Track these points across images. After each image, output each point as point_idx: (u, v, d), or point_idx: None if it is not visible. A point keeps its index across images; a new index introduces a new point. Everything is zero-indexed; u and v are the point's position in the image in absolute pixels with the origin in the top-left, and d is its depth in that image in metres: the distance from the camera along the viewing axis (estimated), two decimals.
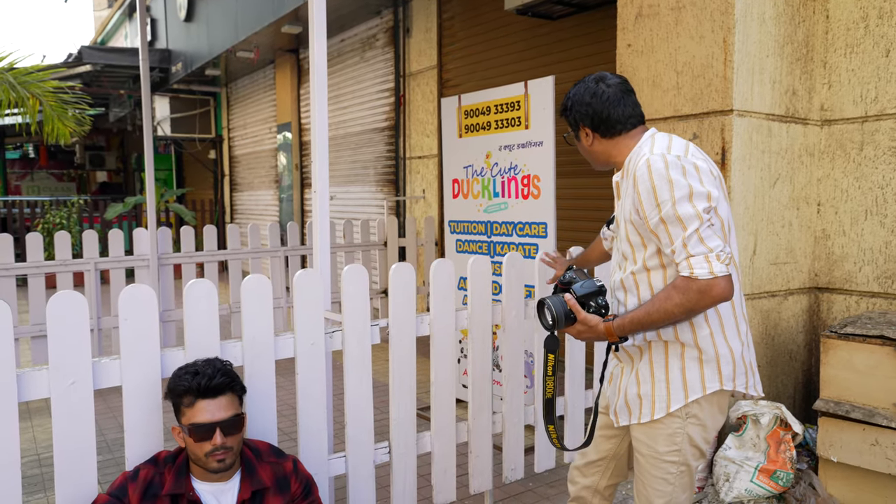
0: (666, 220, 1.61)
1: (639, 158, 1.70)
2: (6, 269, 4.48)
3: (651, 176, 1.62)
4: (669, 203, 1.60)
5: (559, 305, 1.73)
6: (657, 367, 1.75)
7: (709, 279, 1.56)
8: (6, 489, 1.76)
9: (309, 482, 2.01)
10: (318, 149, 2.45)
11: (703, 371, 1.72)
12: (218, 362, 1.89)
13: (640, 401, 1.78)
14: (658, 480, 1.78)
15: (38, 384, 1.81)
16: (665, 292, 1.63)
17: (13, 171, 15.32)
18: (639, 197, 1.65)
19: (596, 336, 1.73)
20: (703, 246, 1.58)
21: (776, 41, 3.06)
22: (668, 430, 1.74)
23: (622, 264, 1.81)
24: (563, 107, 1.90)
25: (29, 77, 6.11)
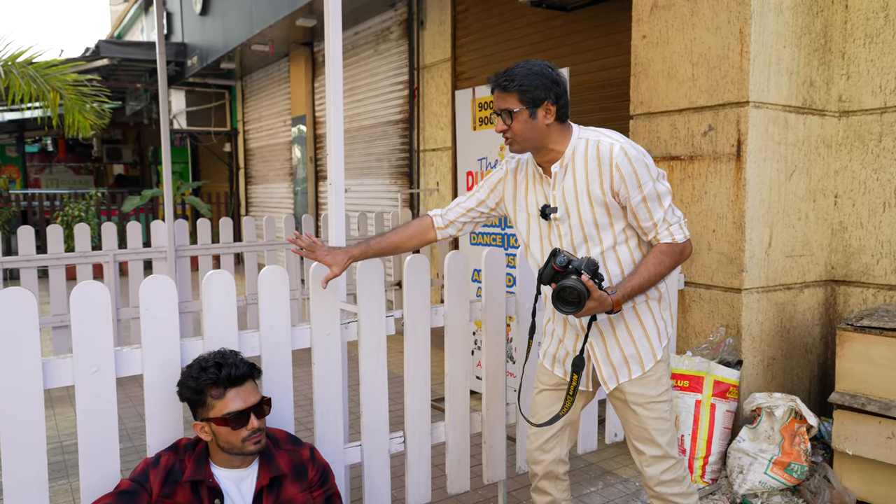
0: (648, 199, 1.85)
1: (602, 146, 1.85)
2: (28, 260, 4.56)
3: (630, 161, 1.83)
4: (650, 183, 1.84)
5: (582, 287, 1.75)
6: (633, 327, 1.96)
7: (684, 242, 1.90)
8: (33, 474, 1.80)
9: (325, 470, 2.04)
10: (333, 142, 2.47)
11: (664, 315, 2.01)
12: (231, 352, 1.92)
13: (627, 362, 1.97)
14: (657, 421, 1.98)
15: (63, 372, 1.85)
16: (655, 258, 1.87)
17: (32, 165, 15.52)
18: (622, 180, 1.83)
19: (603, 309, 1.81)
20: (675, 216, 1.90)
21: (793, 31, 3.03)
22: (655, 376, 1.98)
23: (583, 245, 1.92)
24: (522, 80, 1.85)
25: (49, 70, 6.19)
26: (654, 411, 1.98)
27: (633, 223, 1.90)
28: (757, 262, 3.02)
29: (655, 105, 3.28)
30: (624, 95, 4.00)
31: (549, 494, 2.17)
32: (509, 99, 1.88)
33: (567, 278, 1.78)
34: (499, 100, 1.91)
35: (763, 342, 3.10)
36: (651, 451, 2.00)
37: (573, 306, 1.77)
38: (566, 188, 1.91)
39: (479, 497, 2.94)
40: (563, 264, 1.81)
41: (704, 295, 3.15)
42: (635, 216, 1.88)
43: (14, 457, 1.77)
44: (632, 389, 1.98)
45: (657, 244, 1.89)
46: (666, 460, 2.00)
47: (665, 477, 2.00)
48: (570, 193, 1.90)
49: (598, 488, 2.95)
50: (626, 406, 2.01)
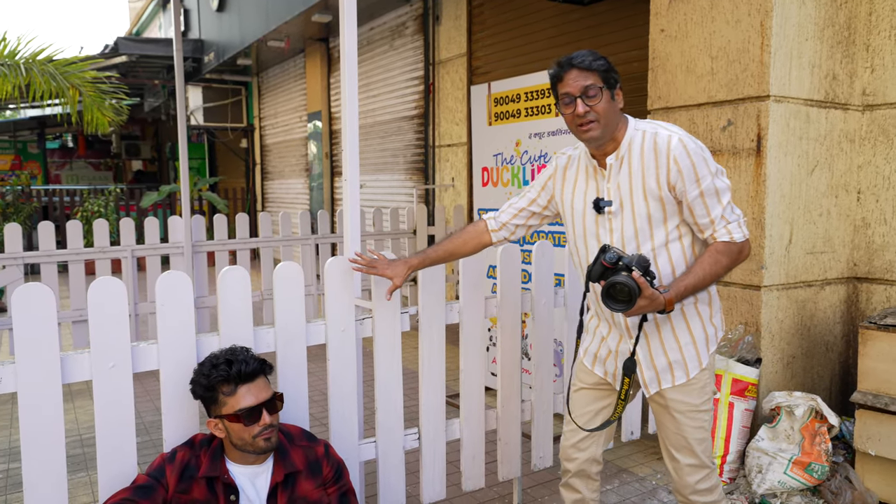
0: (705, 194, 1.78)
1: (660, 138, 1.80)
2: (48, 255, 4.62)
3: (689, 153, 1.77)
4: (709, 178, 1.78)
5: (633, 284, 1.69)
6: (680, 332, 1.89)
7: (743, 241, 1.82)
8: (53, 467, 1.82)
9: (340, 466, 2.04)
10: (348, 138, 2.46)
11: (714, 320, 1.93)
12: (241, 349, 1.92)
13: (671, 367, 1.91)
14: (696, 430, 1.93)
15: (81, 367, 1.87)
16: (712, 257, 1.79)
17: (53, 161, 15.73)
18: (680, 173, 1.77)
19: (654, 308, 1.74)
20: (735, 214, 1.82)
21: (816, 24, 2.98)
22: (699, 384, 1.91)
23: (634, 240, 1.85)
24: (606, 63, 1.82)
25: (69, 68, 6.26)
26: (695, 420, 1.92)
27: (688, 219, 1.84)
28: (777, 258, 2.97)
29: (674, 100, 3.23)
30: (642, 90, 3.95)
31: (579, 493, 2.13)
32: (592, 77, 1.80)
33: (617, 275, 1.72)
34: (579, 78, 1.79)
35: (783, 340, 3.06)
36: (687, 460, 1.95)
37: (623, 304, 1.71)
38: (621, 181, 1.85)
39: (494, 494, 2.93)
40: (612, 261, 1.75)
41: (722, 292, 3.11)
42: (691, 212, 1.81)
43: (34, 451, 1.79)
44: (674, 396, 1.92)
45: (713, 243, 1.82)
46: (702, 469, 1.96)
47: (700, 486, 1.96)
48: (625, 186, 1.84)
49: (613, 486, 2.93)
50: (667, 412, 1.95)
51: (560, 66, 1.84)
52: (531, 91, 3.67)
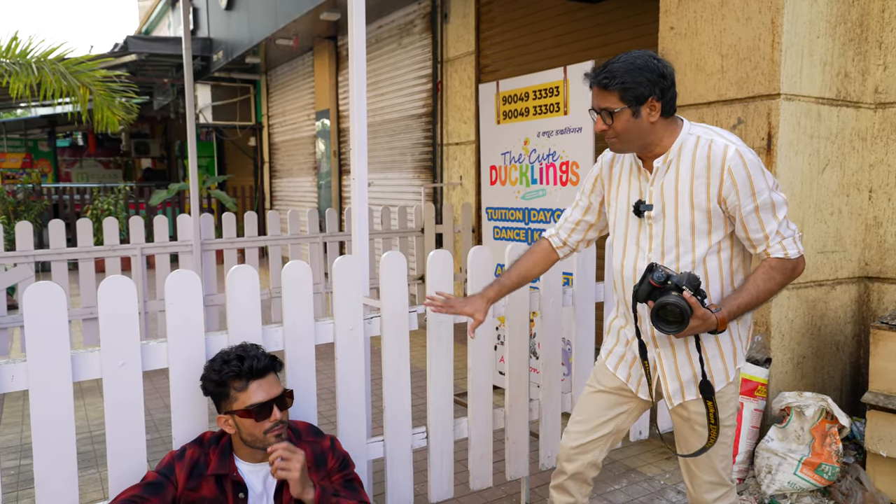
0: (761, 208, 1.70)
1: (715, 146, 1.71)
2: (59, 253, 4.65)
3: (746, 165, 1.68)
4: (766, 192, 1.70)
5: (685, 304, 1.62)
6: (708, 345, 1.81)
7: (797, 258, 1.74)
8: (64, 465, 1.83)
9: (346, 458, 2.04)
10: (356, 136, 2.46)
11: (742, 333, 1.86)
12: (252, 346, 1.93)
13: (696, 380, 1.83)
14: (720, 445, 1.87)
15: (91, 365, 1.88)
16: (765, 273, 1.72)
17: (64, 159, 15.84)
18: (735, 186, 1.69)
19: (706, 328, 1.66)
20: (790, 229, 1.74)
21: (828, 21, 2.95)
22: (726, 398, 1.85)
23: (674, 250, 1.78)
24: (624, 77, 1.70)
25: (79, 67, 6.30)
26: (720, 436, 1.86)
27: (740, 234, 1.75)
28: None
29: (683, 98, 3.21)
30: None
31: (572, 497, 2.06)
32: (609, 97, 1.73)
33: (667, 295, 1.64)
34: (598, 98, 1.76)
35: (793, 340, 3.04)
36: (707, 477, 1.90)
37: (675, 325, 1.63)
38: (666, 185, 1.77)
39: (502, 493, 2.93)
40: (661, 280, 1.66)
41: None
42: (744, 227, 1.73)
43: (45, 448, 1.81)
44: (698, 409, 1.85)
45: (767, 259, 1.74)
46: (721, 487, 1.92)
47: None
48: (669, 191, 1.76)
49: (622, 486, 2.92)
50: (689, 425, 1.89)
51: (588, 77, 1.79)
52: (540, 89, 3.66)
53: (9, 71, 6.09)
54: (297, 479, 1.76)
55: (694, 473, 1.93)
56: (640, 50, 1.78)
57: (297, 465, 1.76)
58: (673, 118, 1.79)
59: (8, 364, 1.76)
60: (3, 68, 6.12)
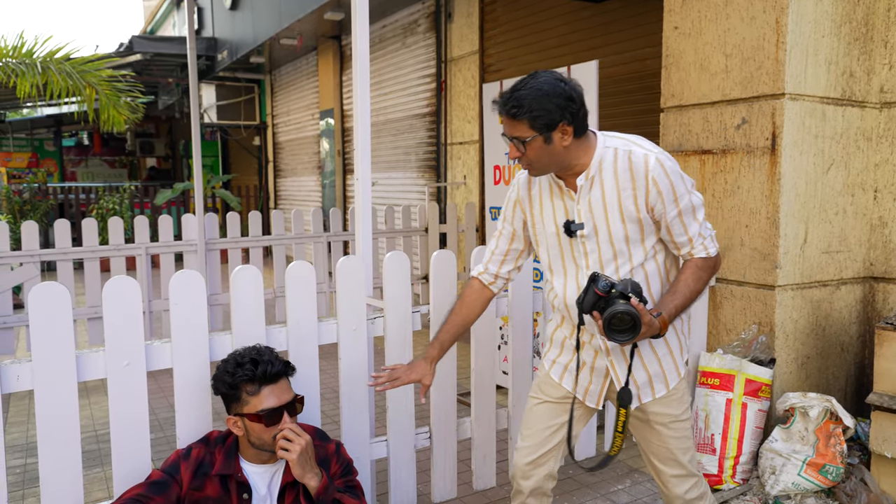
0: (683, 213, 1.76)
1: (635, 157, 1.72)
2: (64, 253, 4.67)
3: (667, 173, 1.73)
4: (687, 196, 1.76)
5: (635, 312, 1.61)
6: (657, 345, 1.87)
7: (717, 256, 1.83)
8: (69, 464, 1.85)
9: (349, 464, 2.05)
10: (360, 135, 2.47)
11: (685, 329, 1.93)
12: (266, 349, 1.93)
13: (651, 382, 1.89)
14: (680, 439, 1.92)
15: (96, 365, 1.89)
16: (693, 274, 1.78)
17: (69, 158, 15.90)
18: (659, 195, 1.73)
19: (651, 333, 1.67)
20: (708, 229, 1.82)
21: (833, 21, 2.94)
22: (678, 394, 1.92)
23: (612, 263, 1.80)
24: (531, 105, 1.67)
25: (85, 67, 6.32)
26: (678, 430, 1.91)
27: (665, 238, 1.80)
28: (791, 258, 2.94)
29: (687, 98, 3.21)
30: (655, 88, 3.92)
31: None
32: (519, 126, 1.70)
33: (615, 304, 1.62)
34: (508, 127, 1.74)
35: (797, 340, 3.03)
36: (674, 471, 1.93)
37: (628, 333, 1.62)
38: (593, 202, 1.77)
39: (505, 493, 2.93)
40: (605, 289, 1.65)
41: (736, 292, 3.08)
42: (669, 231, 1.78)
43: (50, 447, 1.82)
44: (655, 409, 1.90)
45: (691, 259, 1.80)
46: (690, 478, 1.95)
47: (690, 496, 1.95)
48: (597, 207, 1.77)
49: (625, 486, 2.92)
50: (648, 426, 1.93)
51: (494, 105, 1.76)
52: None
53: (15, 71, 6.12)
54: (295, 460, 1.78)
55: (660, 470, 1.95)
56: (547, 72, 1.74)
57: (297, 448, 1.79)
58: (586, 135, 1.77)
59: (13, 364, 1.77)
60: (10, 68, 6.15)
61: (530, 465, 1.98)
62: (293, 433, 1.81)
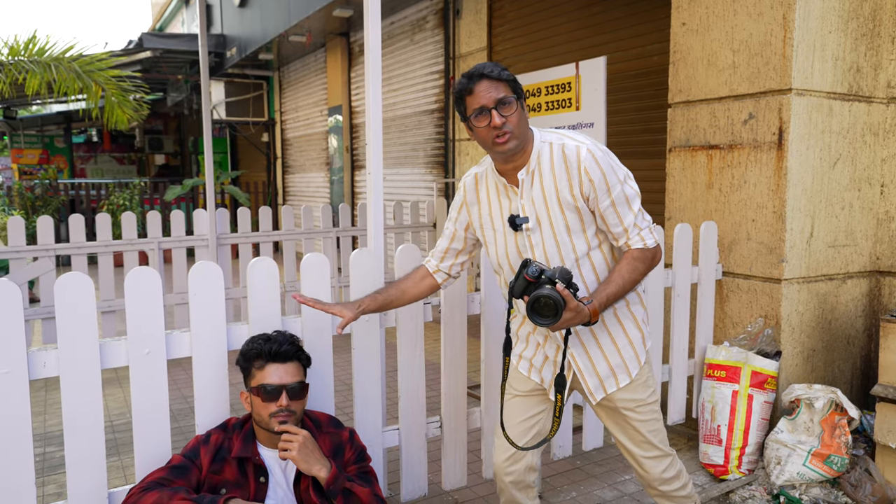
0: (616, 203, 1.79)
1: (568, 150, 1.78)
2: (79, 247, 4.75)
3: (598, 164, 1.76)
4: (618, 186, 1.79)
5: (558, 297, 1.66)
6: (617, 336, 1.92)
7: (655, 247, 1.85)
8: (93, 445, 1.90)
9: (363, 451, 2.10)
10: (372, 131, 2.51)
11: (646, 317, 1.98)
12: (288, 334, 2.01)
13: (613, 372, 1.93)
14: (650, 423, 1.97)
15: (118, 353, 1.95)
16: (629, 264, 1.81)
17: (79, 155, 16.02)
18: (592, 184, 1.77)
19: (580, 321, 1.72)
20: (645, 220, 1.85)
21: (840, 16, 2.96)
22: (642, 379, 1.96)
23: (557, 254, 1.83)
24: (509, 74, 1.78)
25: (92, 66, 6.39)
26: (646, 413, 1.95)
27: (602, 228, 1.84)
28: (798, 252, 2.97)
29: (695, 93, 3.24)
30: (662, 84, 3.95)
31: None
32: (503, 88, 1.75)
33: (541, 288, 1.68)
34: (491, 90, 1.74)
35: (803, 333, 3.06)
36: (648, 453, 1.97)
37: (549, 318, 1.67)
38: (535, 195, 1.82)
39: None
40: (535, 275, 1.71)
41: (743, 285, 3.12)
42: (605, 221, 1.82)
43: (75, 432, 1.88)
44: (621, 395, 1.94)
45: (629, 250, 1.83)
46: (664, 458, 1.98)
47: (667, 475, 1.99)
48: (539, 201, 1.82)
49: (632, 476, 2.96)
50: (617, 412, 1.96)
51: (469, 77, 1.77)
52: (552, 85, 3.69)
53: (26, 69, 6.20)
54: (297, 456, 1.84)
55: (635, 454, 1.98)
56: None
57: (295, 446, 1.84)
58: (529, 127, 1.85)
59: (40, 351, 1.83)
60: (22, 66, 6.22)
61: (508, 461, 2.02)
62: (289, 433, 1.86)
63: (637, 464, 2.01)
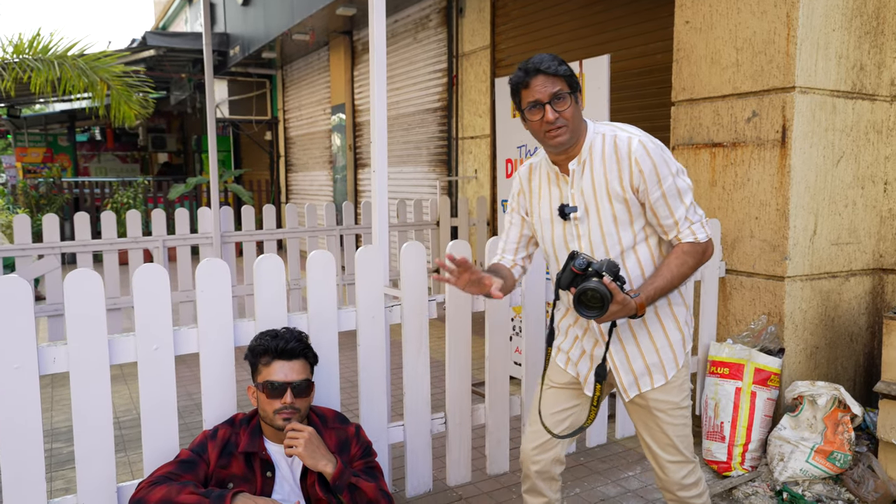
0: (667, 195, 1.79)
1: (620, 141, 1.79)
2: (84, 245, 4.77)
3: (649, 154, 1.77)
4: (670, 178, 1.78)
5: (605, 290, 1.66)
6: (656, 334, 1.90)
7: (706, 241, 1.83)
8: (101, 445, 1.92)
9: (368, 446, 2.11)
10: (377, 129, 2.53)
11: (688, 319, 1.95)
12: (296, 331, 2.02)
13: (649, 371, 1.91)
14: (678, 427, 1.95)
15: (127, 348, 1.97)
16: (678, 258, 1.80)
17: (82, 153, 16.05)
18: (642, 175, 1.77)
19: (626, 314, 1.72)
20: (697, 214, 1.83)
21: (843, 14, 2.97)
22: (678, 382, 1.94)
23: (602, 245, 1.84)
24: (570, 69, 1.81)
25: (97, 63, 6.41)
26: (677, 417, 1.94)
27: (652, 221, 1.83)
28: (801, 249, 2.98)
29: (698, 91, 3.25)
30: (666, 82, 3.96)
31: (545, 496, 2.07)
32: (560, 83, 1.78)
33: (588, 281, 1.69)
34: (546, 84, 1.77)
35: (806, 330, 3.07)
36: (672, 457, 1.96)
37: (596, 310, 1.68)
38: (585, 186, 1.83)
39: (517, 479, 2.98)
40: (582, 267, 1.72)
41: (746, 283, 3.13)
42: (655, 214, 1.81)
43: (85, 426, 1.90)
44: (655, 396, 1.93)
45: (678, 244, 1.82)
46: (687, 465, 1.97)
47: (687, 481, 1.98)
48: (588, 191, 1.83)
49: (635, 473, 2.98)
50: (648, 412, 1.95)
51: (526, 72, 1.80)
52: None
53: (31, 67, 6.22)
54: (303, 453, 1.86)
55: (658, 456, 1.97)
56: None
57: (301, 442, 1.86)
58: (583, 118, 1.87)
59: (50, 347, 1.85)
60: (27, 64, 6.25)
61: (537, 449, 2.03)
62: (294, 431, 1.88)
63: (658, 466, 2.00)
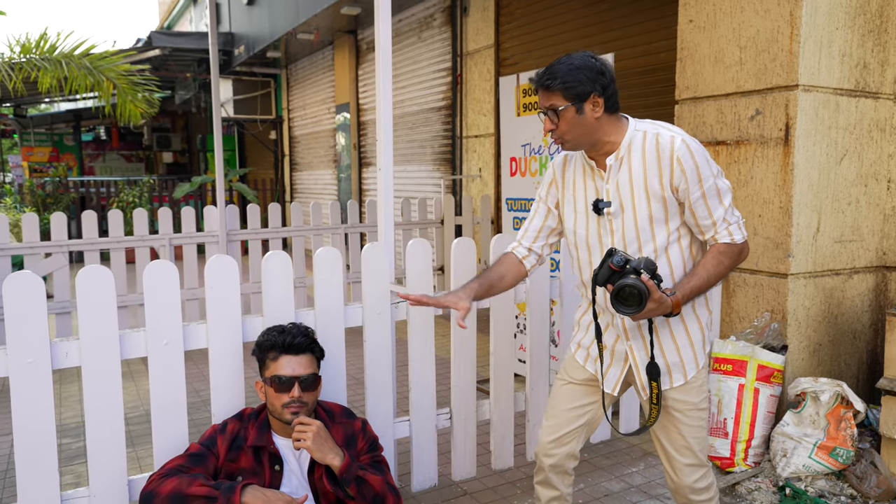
0: (707, 195, 1.79)
1: (662, 139, 1.78)
2: (91, 243, 4.81)
3: (693, 155, 1.77)
4: (711, 179, 1.79)
5: (643, 286, 1.67)
6: (678, 334, 1.90)
7: (743, 243, 1.84)
8: (113, 438, 1.95)
9: (375, 441, 2.14)
10: (382, 128, 2.55)
11: (711, 324, 1.95)
12: (303, 326, 2.05)
13: (669, 370, 1.91)
14: (695, 428, 1.95)
15: (137, 344, 2.00)
16: (714, 258, 1.81)
17: (88, 153, 16.13)
18: (683, 174, 1.77)
19: (662, 311, 1.73)
20: (735, 215, 1.83)
21: (847, 13, 2.98)
22: (697, 383, 1.94)
23: (635, 242, 1.83)
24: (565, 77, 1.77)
25: (103, 62, 6.45)
26: (694, 419, 1.93)
27: (689, 221, 1.83)
28: (804, 247, 3.00)
29: (702, 90, 3.26)
30: (669, 80, 3.97)
31: (557, 489, 2.08)
32: (553, 97, 1.80)
33: (626, 278, 1.69)
34: (543, 98, 1.82)
35: (809, 328, 3.09)
36: (687, 460, 1.95)
37: (633, 307, 1.68)
38: (621, 181, 1.83)
39: (522, 474, 3.01)
40: (620, 264, 1.71)
41: (749, 280, 3.14)
42: (693, 213, 1.81)
43: (96, 420, 1.93)
44: (674, 395, 1.92)
45: (715, 244, 1.82)
46: (700, 468, 1.97)
47: (699, 485, 1.97)
48: (625, 187, 1.82)
49: (639, 469, 3.00)
50: (665, 412, 1.94)
51: (531, 82, 1.85)
52: None
53: (38, 66, 6.26)
54: (311, 446, 1.88)
55: (673, 458, 1.96)
56: (581, 52, 1.84)
57: (309, 436, 1.89)
58: (618, 116, 1.85)
59: (62, 342, 1.88)
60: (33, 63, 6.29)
61: (552, 443, 2.04)
62: (302, 424, 1.90)
63: (672, 469, 1.99)
